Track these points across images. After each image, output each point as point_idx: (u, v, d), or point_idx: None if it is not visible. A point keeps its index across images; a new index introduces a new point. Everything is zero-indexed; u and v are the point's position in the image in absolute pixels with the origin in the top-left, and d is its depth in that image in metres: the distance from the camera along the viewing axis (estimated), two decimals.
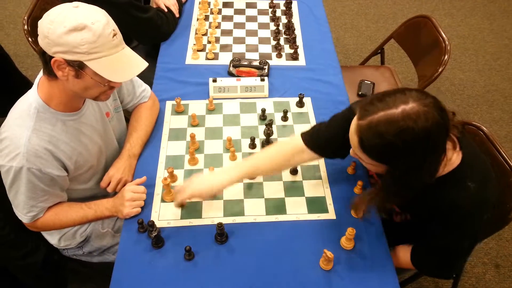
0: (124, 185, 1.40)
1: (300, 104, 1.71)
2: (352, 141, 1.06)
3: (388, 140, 0.95)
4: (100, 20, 1.08)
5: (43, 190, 1.25)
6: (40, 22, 1.08)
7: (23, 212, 1.28)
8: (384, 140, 0.95)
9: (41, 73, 1.23)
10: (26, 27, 1.90)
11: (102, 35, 1.07)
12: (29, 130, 1.18)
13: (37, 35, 1.09)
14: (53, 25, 1.05)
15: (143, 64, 1.20)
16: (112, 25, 1.12)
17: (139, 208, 1.33)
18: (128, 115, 1.62)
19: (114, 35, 1.11)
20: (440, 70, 1.95)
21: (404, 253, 1.29)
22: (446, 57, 1.96)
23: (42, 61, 1.13)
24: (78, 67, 1.10)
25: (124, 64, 1.16)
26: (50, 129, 1.22)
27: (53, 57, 1.08)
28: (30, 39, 1.89)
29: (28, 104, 1.20)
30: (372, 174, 1.45)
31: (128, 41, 2.25)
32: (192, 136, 1.50)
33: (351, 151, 1.13)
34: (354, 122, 1.03)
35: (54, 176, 1.24)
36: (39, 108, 1.20)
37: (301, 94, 1.70)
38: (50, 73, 1.14)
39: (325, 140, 1.30)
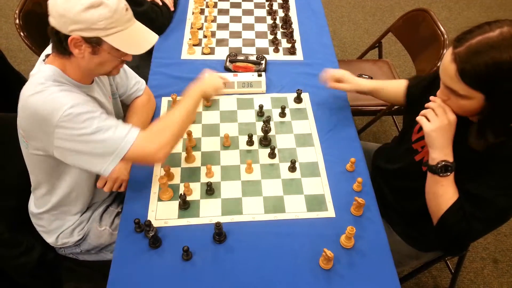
0: (120, 184, 1.38)
1: (298, 100, 1.69)
2: (447, 73, 1.06)
3: (491, 61, 0.97)
4: None
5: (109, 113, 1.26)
6: (52, 3, 1.09)
7: (126, 134, 1.18)
8: (486, 62, 0.97)
9: (41, 57, 1.23)
10: (17, 21, 1.85)
11: (117, 10, 1.11)
12: (53, 83, 1.15)
13: (30, 29, 1.08)
14: (70, 4, 1.06)
15: (154, 37, 1.26)
16: None
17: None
18: (124, 108, 1.59)
19: (127, 9, 1.16)
20: (438, 64, 1.92)
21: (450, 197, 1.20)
22: (445, 51, 1.93)
23: (55, 41, 1.14)
24: (96, 43, 1.12)
25: (138, 37, 1.21)
26: (69, 92, 1.18)
27: (69, 35, 1.09)
28: (22, 33, 1.85)
29: (44, 74, 1.17)
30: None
31: None
32: (189, 133, 1.48)
33: (438, 92, 1.15)
34: (449, 53, 1.05)
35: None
36: (56, 74, 1.18)
37: (299, 89, 1.68)
38: (63, 52, 1.15)
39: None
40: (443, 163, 1.16)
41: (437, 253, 1.53)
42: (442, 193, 1.19)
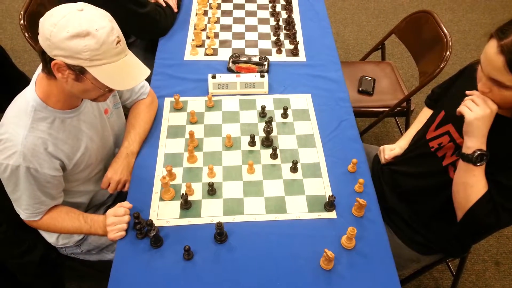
0: (124, 185, 1.39)
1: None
2: (493, 65, 1.05)
3: None
4: (105, 27, 1.06)
5: (41, 190, 1.24)
6: (42, 22, 1.05)
7: (21, 208, 1.28)
8: None
9: (39, 69, 1.21)
10: (22, 22, 1.87)
11: (106, 43, 1.05)
12: (26, 128, 1.16)
13: (34, 30, 1.07)
14: (56, 28, 1.02)
15: (145, 73, 1.19)
16: (117, 32, 1.09)
17: (123, 232, 1.27)
18: (126, 111, 1.60)
19: (118, 42, 1.09)
20: (442, 66, 1.93)
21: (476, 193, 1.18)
22: (448, 53, 1.93)
23: (42, 60, 1.11)
24: (79, 71, 1.08)
25: (125, 72, 1.14)
26: (47, 127, 1.21)
27: (54, 59, 1.06)
28: (26, 34, 1.87)
29: (25, 102, 1.19)
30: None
31: (125, 36, 2.22)
32: (191, 134, 1.49)
33: (480, 85, 1.14)
34: (494, 45, 1.04)
35: (49, 177, 1.23)
36: (36, 106, 1.18)
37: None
38: (49, 73, 1.12)
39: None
40: (479, 152, 1.14)
41: (437, 256, 1.52)
42: (473, 184, 1.17)
